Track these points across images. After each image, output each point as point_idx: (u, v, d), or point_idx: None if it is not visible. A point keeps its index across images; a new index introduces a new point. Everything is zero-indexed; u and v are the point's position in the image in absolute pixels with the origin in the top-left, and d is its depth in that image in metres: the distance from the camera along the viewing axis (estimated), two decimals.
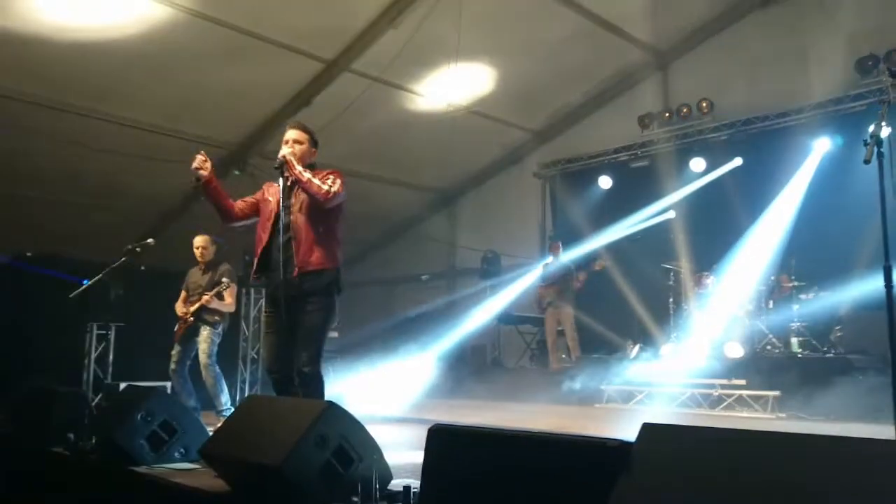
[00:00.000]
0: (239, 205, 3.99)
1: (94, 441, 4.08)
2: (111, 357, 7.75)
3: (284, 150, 3.83)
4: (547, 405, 7.63)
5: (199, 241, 6.29)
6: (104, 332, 8.03)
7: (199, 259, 6.23)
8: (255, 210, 4.01)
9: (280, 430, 2.85)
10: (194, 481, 3.24)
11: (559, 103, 10.96)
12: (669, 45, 9.99)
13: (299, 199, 3.83)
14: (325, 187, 3.73)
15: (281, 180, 3.81)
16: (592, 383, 7.98)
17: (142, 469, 3.59)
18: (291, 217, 3.82)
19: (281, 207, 3.80)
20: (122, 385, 6.71)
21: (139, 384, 5.55)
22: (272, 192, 3.94)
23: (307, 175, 3.75)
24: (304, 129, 3.97)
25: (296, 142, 3.91)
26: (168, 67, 8.31)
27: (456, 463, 2.39)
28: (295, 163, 3.77)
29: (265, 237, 3.86)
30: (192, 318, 5.99)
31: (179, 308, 6.18)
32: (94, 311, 7.57)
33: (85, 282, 6.63)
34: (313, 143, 3.98)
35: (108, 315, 7.48)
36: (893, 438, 2.88)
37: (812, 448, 1.72)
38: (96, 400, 7.51)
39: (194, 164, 3.77)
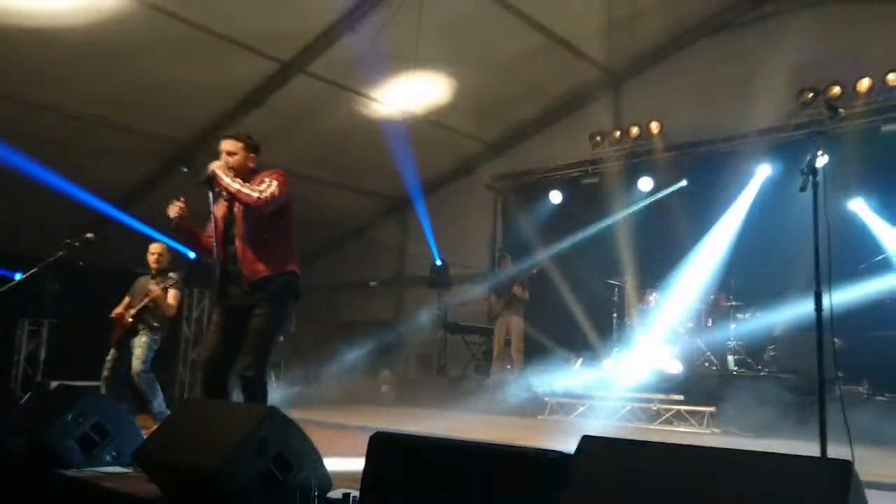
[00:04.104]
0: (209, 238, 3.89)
1: (20, 441, 3.91)
2: (43, 354, 7.46)
3: (214, 164, 3.74)
4: (490, 415, 7.67)
5: (155, 247, 5.99)
6: (36, 328, 7.74)
7: (154, 266, 5.93)
8: None
9: (218, 434, 2.79)
10: (126, 486, 3.14)
11: (514, 117, 11.08)
12: (622, 66, 10.22)
13: (240, 207, 3.75)
14: (256, 194, 3.62)
15: (210, 193, 3.74)
16: (535, 395, 8.09)
17: (70, 472, 3.45)
18: (236, 228, 3.77)
19: (213, 217, 3.76)
20: (54, 384, 6.45)
21: (72, 384, 5.34)
22: (218, 207, 3.85)
23: (236, 186, 3.65)
24: (236, 137, 3.87)
25: (229, 153, 3.81)
26: (119, 59, 8.07)
27: (397, 471, 2.38)
28: (222, 175, 3.68)
29: (219, 252, 3.78)
30: (130, 321, 5.74)
31: (118, 311, 5.89)
32: (26, 306, 7.27)
33: (18, 275, 6.37)
34: (250, 149, 3.87)
35: (42, 311, 7.20)
36: (818, 455, 3.01)
37: (743, 463, 1.78)
38: (24, 398, 7.21)
39: (170, 211, 3.76)
